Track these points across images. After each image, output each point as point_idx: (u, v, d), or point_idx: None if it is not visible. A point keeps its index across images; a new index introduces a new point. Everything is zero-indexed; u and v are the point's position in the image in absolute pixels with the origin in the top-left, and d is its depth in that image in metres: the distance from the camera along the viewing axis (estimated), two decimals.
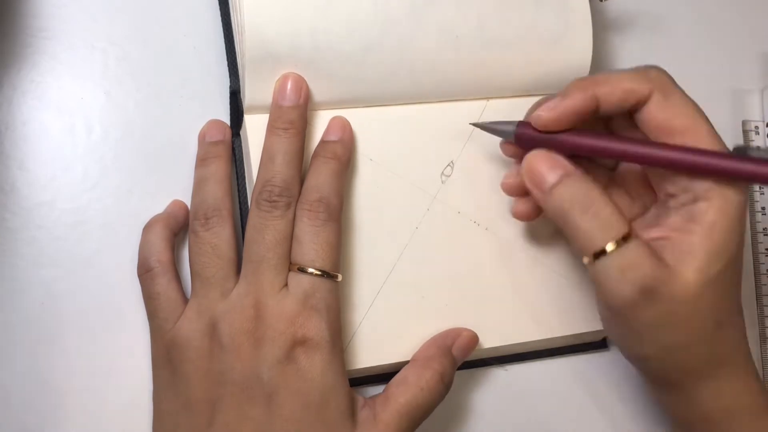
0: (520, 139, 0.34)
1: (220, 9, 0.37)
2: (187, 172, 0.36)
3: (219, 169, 0.35)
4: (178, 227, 0.36)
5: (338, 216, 0.34)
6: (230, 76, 0.36)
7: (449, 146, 0.38)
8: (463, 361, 0.36)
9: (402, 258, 0.37)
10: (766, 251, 0.46)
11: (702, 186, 0.31)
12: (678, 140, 0.32)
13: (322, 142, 0.35)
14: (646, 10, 0.46)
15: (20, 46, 0.36)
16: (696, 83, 0.46)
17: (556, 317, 0.38)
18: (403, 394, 0.33)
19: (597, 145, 0.32)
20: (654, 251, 0.31)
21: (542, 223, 0.38)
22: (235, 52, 0.36)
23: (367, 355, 0.36)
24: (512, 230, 0.38)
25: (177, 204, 0.36)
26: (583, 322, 0.39)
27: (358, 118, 0.37)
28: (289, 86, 0.34)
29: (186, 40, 0.38)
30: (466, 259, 0.37)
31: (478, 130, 0.36)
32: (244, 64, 0.34)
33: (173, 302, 0.33)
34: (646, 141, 0.33)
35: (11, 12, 0.36)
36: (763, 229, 0.46)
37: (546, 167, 0.32)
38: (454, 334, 0.36)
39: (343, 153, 0.35)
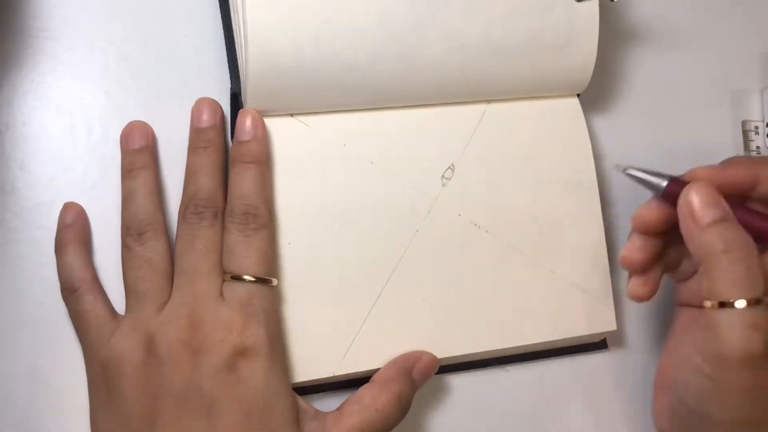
0: (670, 195, 0.33)
1: (221, 9, 0.37)
2: None
3: (147, 180, 0.34)
4: (88, 238, 0.35)
5: (268, 221, 0.33)
6: (231, 78, 0.36)
7: (450, 149, 0.38)
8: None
9: (403, 260, 0.37)
10: None
11: None
12: None
13: (237, 143, 0.34)
14: (645, 11, 0.46)
15: (21, 47, 0.36)
16: (696, 83, 0.46)
17: (557, 320, 0.38)
18: (357, 414, 0.33)
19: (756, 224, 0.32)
20: None
21: (543, 225, 0.38)
22: (235, 53, 0.36)
23: (370, 358, 0.36)
24: (512, 233, 0.38)
25: (74, 211, 0.35)
26: (584, 325, 0.39)
27: (358, 121, 0.37)
28: (204, 111, 0.35)
29: (186, 40, 0.38)
30: (466, 262, 0.37)
31: (478, 132, 0.36)
32: (247, 73, 0.34)
33: (103, 319, 0.33)
34: None
35: (11, 12, 0.36)
36: None
37: (709, 201, 0.32)
38: (415, 356, 0.36)
39: (261, 151, 0.34)
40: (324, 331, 0.35)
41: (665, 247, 0.35)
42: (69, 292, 0.33)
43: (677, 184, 0.33)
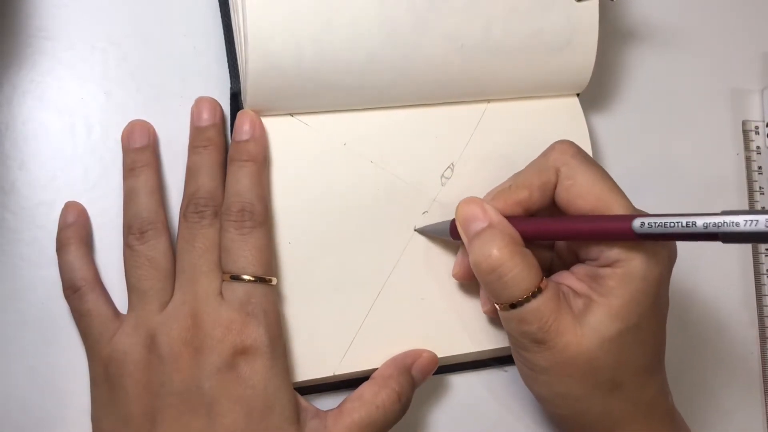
0: (454, 232, 0.35)
1: (221, 9, 0.37)
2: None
3: (149, 179, 0.34)
4: (89, 237, 0.35)
5: (264, 219, 0.33)
6: (231, 78, 0.36)
7: (449, 148, 0.38)
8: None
9: (402, 260, 0.37)
10: (766, 251, 0.46)
11: (610, 255, 0.31)
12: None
13: (234, 143, 0.34)
14: (645, 11, 0.46)
15: (20, 46, 0.36)
16: (696, 83, 0.46)
17: None
18: (357, 411, 0.33)
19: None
20: (563, 301, 0.32)
21: None
22: (235, 53, 0.36)
23: (370, 357, 0.36)
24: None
25: (76, 210, 0.35)
26: None
27: (358, 121, 0.37)
28: (204, 110, 0.35)
29: (186, 40, 0.38)
30: None
31: (478, 132, 0.36)
32: (247, 73, 0.34)
33: (105, 318, 0.33)
34: (544, 218, 0.34)
35: (11, 12, 0.36)
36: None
37: (473, 215, 0.33)
38: (414, 354, 0.36)
39: (258, 151, 0.34)
40: (324, 330, 0.35)
41: None
42: (71, 291, 0.33)
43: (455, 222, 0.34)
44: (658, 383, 0.34)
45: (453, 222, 0.35)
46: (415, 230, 0.37)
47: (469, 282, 0.37)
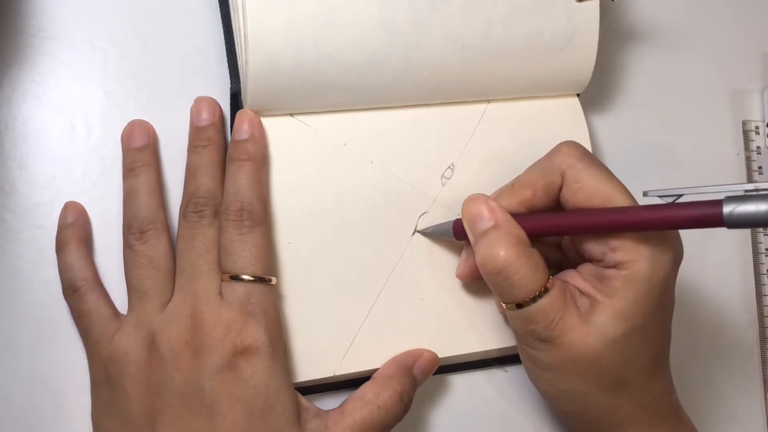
0: (458, 232, 0.35)
1: (221, 9, 0.37)
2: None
3: (149, 178, 0.34)
4: (89, 237, 0.35)
5: (263, 219, 0.33)
6: (231, 78, 0.36)
7: (449, 148, 0.38)
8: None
9: (402, 260, 0.37)
10: (765, 251, 0.46)
11: (615, 257, 0.31)
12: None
13: (233, 142, 0.34)
14: (646, 12, 0.46)
15: (20, 46, 0.36)
16: (696, 83, 0.46)
17: None
18: (359, 411, 0.33)
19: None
20: (569, 300, 0.32)
21: None
22: (235, 53, 0.36)
23: (370, 358, 0.36)
24: None
25: (75, 210, 0.35)
26: None
27: (358, 121, 0.37)
28: (203, 110, 0.35)
29: (186, 40, 0.38)
30: None
31: (478, 132, 0.36)
32: (247, 73, 0.34)
33: (105, 318, 0.33)
34: (554, 213, 0.34)
35: (11, 12, 0.36)
36: (763, 230, 0.46)
37: (479, 214, 0.33)
38: (415, 354, 0.36)
39: (257, 150, 0.34)
40: (324, 330, 0.35)
41: None
42: (71, 292, 0.33)
43: (459, 221, 0.34)
44: (663, 382, 0.34)
45: (456, 222, 0.35)
46: (416, 232, 0.37)
47: (473, 282, 0.37)
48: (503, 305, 0.33)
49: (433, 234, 0.37)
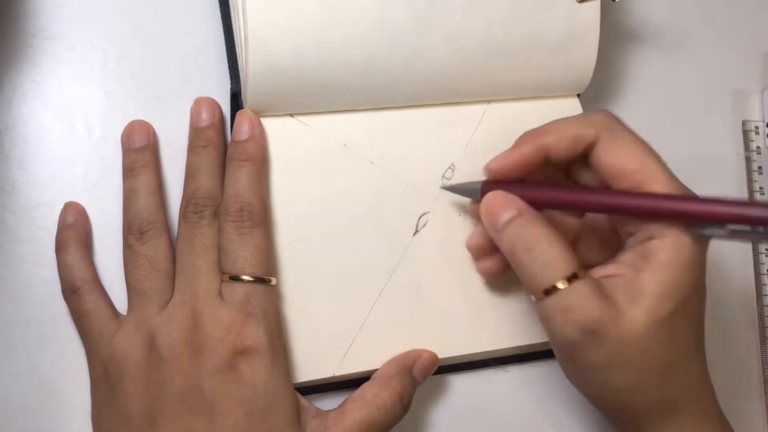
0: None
1: (221, 9, 0.37)
2: None
3: (149, 179, 0.34)
4: (89, 238, 0.35)
5: (263, 219, 0.33)
6: (231, 78, 0.36)
7: (450, 149, 0.38)
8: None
9: (403, 261, 0.37)
10: (766, 251, 0.46)
11: (657, 225, 0.31)
12: (628, 181, 0.31)
13: (233, 143, 0.34)
14: (646, 12, 0.46)
15: (20, 46, 0.36)
16: (696, 83, 0.46)
17: None
18: (359, 411, 0.33)
19: (545, 196, 0.33)
20: (604, 290, 0.31)
21: None
22: (235, 53, 0.36)
23: (370, 358, 0.36)
24: None
25: (75, 210, 0.35)
26: None
27: (358, 121, 0.37)
28: (203, 110, 0.35)
29: (186, 40, 0.38)
30: (467, 262, 0.37)
31: (479, 132, 0.36)
32: (247, 73, 0.34)
33: (105, 318, 0.33)
34: (594, 189, 0.33)
35: (11, 12, 0.36)
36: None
37: (500, 206, 0.32)
38: (415, 354, 0.36)
39: (257, 151, 0.34)
40: (324, 331, 0.35)
41: None
42: (70, 292, 0.33)
43: (489, 185, 0.34)
44: (703, 364, 0.33)
45: (485, 184, 0.34)
46: (441, 188, 0.37)
47: (481, 257, 0.36)
48: (538, 301, 0.31)
49: (457, 190, 0.36)
